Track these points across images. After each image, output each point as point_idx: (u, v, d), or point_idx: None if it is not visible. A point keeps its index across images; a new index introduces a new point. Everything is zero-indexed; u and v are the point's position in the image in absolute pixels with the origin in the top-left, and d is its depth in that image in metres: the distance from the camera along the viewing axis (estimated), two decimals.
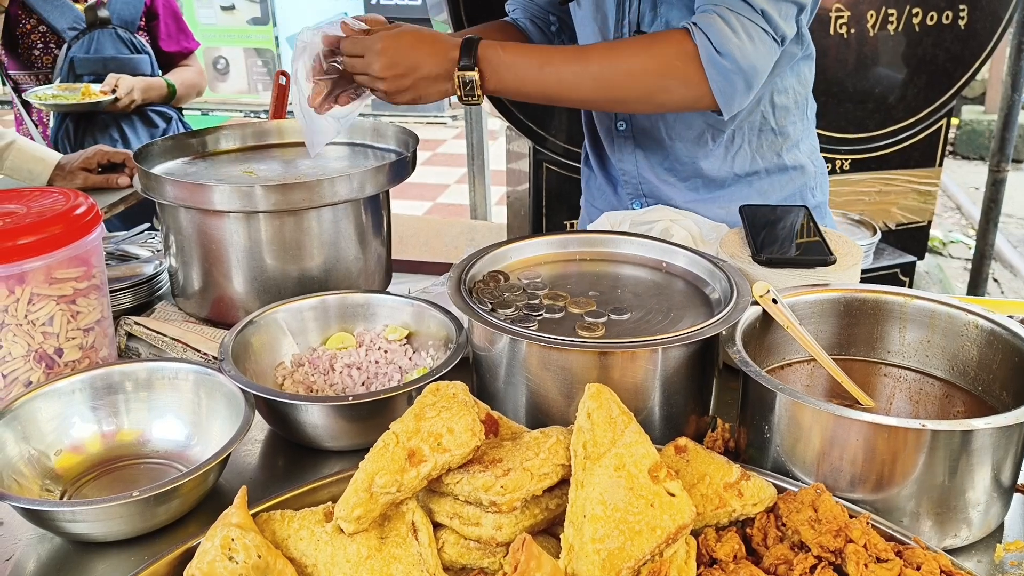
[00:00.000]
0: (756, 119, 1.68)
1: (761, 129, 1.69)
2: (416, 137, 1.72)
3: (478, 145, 4.24)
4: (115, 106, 2.79)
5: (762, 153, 1.71)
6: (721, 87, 1.41)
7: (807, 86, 1.74)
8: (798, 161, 1.75)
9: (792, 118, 1.72)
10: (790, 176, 1.75)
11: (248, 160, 1.74)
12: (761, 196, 1.72)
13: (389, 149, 1.80)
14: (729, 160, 1.70)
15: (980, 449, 0.94)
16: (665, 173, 1.75)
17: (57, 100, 2.73)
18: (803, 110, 1.75)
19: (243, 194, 1.43)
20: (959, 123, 7.44)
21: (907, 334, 1.20)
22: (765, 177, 1.73)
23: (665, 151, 1.73)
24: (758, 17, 1.40)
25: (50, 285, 1.24)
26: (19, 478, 1.09)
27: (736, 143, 1.69)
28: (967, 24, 3.23)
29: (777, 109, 1.69)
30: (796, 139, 1.74)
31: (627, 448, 0.88)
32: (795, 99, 1.71)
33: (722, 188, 1.73)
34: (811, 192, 1.78)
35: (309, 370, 1.32)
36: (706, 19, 1.40)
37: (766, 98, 1.67)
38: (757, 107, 1.67)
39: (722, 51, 1.39)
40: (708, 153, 1.70)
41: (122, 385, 1.21)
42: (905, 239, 3.54)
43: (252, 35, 8.68)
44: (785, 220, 1.49)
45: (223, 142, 1.79)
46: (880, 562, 0.86)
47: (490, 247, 1.33)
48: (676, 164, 1.74)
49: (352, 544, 0.85)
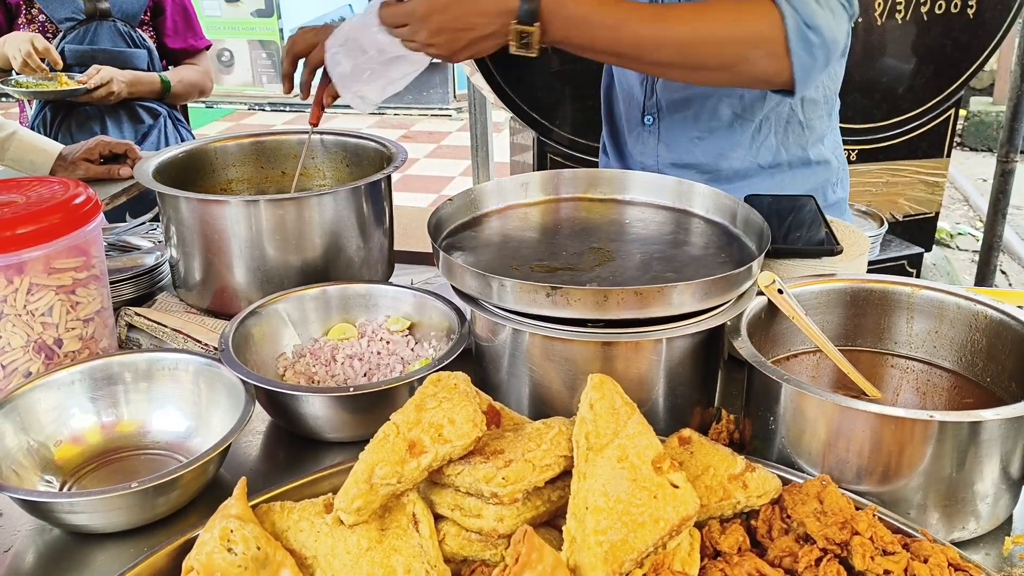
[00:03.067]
0: (784, 110, 1.67)
1: (788, 121, 1.68)
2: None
3: (482, 137, 4.22)
4: (92, 96, 2.73)
5: (787, 146, 1.69)
6: (803, 62, 1.34)
7: (836, 81, 1.72)
8: (823, 156, 1.73)
9: (819, 112, 1.70)
10: (813, 171, 1.73)
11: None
12: (782, 189, 1.70)
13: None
14: (754, 150, 1.68)
15: (988, 441, 0.92)
16: (685, 169, 1.74)
17: (30, 88, 2.68)
18: (831, 105, 1.74)
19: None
20: (967, 114, 7.39)
21: (915, 325, 1.19)
22: (788, 170, 1.72)
23: (689, 148, 1.71)
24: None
25: (49, 275, 1.23)
26: (18, 469, 1.09)
27: (763, 133, 1.68)
28: (976, 13, 3.20)
29: (806, 102, 1.67)
30: (821, 133, 1.73)
31: (630, 439, 0.87)
32: (824, 94, 1.69)
33: (744, 179, 1.71)
34: (832, 188, 1.77)
35: (310, 361, 1.31)
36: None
37: None
38: (785, 99, 1.64)
39: (811, 24, 1.32)
40: (735, 145, 1.68)
41: (122, 376, 1.21)
42: (912, 230, 3.51)
43: (256, 27, 8.67)
44: (792, 210, 1.47)
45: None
46: (887, 555, 0.85)
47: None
48: (701, 157, 1.72)
49: (352, 536, 0.85)
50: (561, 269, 1.18)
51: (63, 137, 2.73)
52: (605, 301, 1.03)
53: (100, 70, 2.72)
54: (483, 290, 1.10)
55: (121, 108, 2.88)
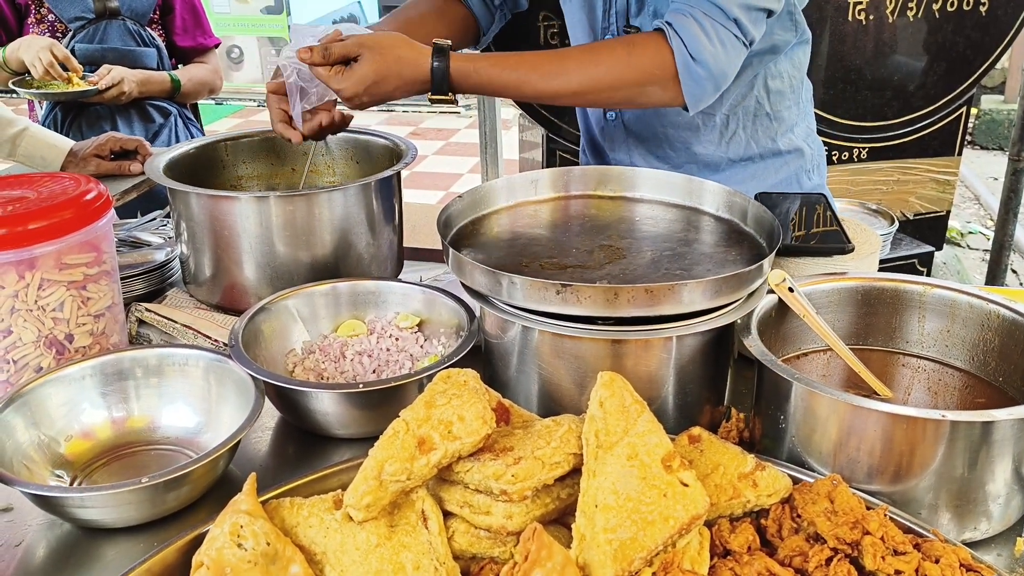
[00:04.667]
0: (751, 104, 1.68)
1: (756, 114, 1.70)
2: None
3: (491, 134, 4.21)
4: (103, 97, 2.74)
5: (757, 139, 1.72)
6: (692, 91, 1.46)
7: (802, 69, 1.74)
8: (793, 145, 1.75)
9: (787, 102, 1.72)
10: (785, 160, 1.75)
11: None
12: (756, 180, 1.72)
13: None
14: (724, 145, 1.71)
15: (1001, 441, 0.92)
16: (658, 161, 1.76)
17: (41, 89, 2.69)
18: (798, 93, 1.75)
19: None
20: (978, 112, 7.35)
21: (926, 324, 1.18)
22: (759, 161, 1.74)
23: (658, 138, 1.74)
24: (731, 24, 1.42)
25: (60, 271, 1.23)
26: (29, 464, 1.09)
27: (731, 128, 1.70)
28: (988, 11, 3.18)
29: (772, 94, 1.69)
30: (791, 123, 1.74)
31: (640, 437, 0.86)
32: (790, 83, 1.71)
33: (716, 172, 1.73)
34: (807, 175, 1.78)
35: (320, 357, 1.31)
36: (682, 22, 1.42)
37: (760, 83, 1.67)
38: (751, 92, 1.67)
39: (697, 58, 1.42)
40: (701, 138, 1.71)
41: (132, 371, 1.21)
42: (923, 229, 3.49)
43: (266, 24, 8.67)
44: (802, 208, 1.47)
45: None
46: (898, 555, 0.84)
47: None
48: (669, 151, 1.74)
49: (362, 532, 0.85)
50: (571, 266, 1.18)
51: (74, 137, 2.72)
52: (615, 299, 1.03)
53: (111, 70, 2.72)
54: (493, 287, 1.10)
55: (132, 107, 2.88)
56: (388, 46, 1.43)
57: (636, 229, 1.31)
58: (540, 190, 1.41)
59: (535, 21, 2.90)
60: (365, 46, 1.41)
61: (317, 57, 1.42)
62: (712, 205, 1.35)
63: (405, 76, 1.43)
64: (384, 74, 1.42)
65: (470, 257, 1.14)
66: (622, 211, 1.37)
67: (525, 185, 1.41)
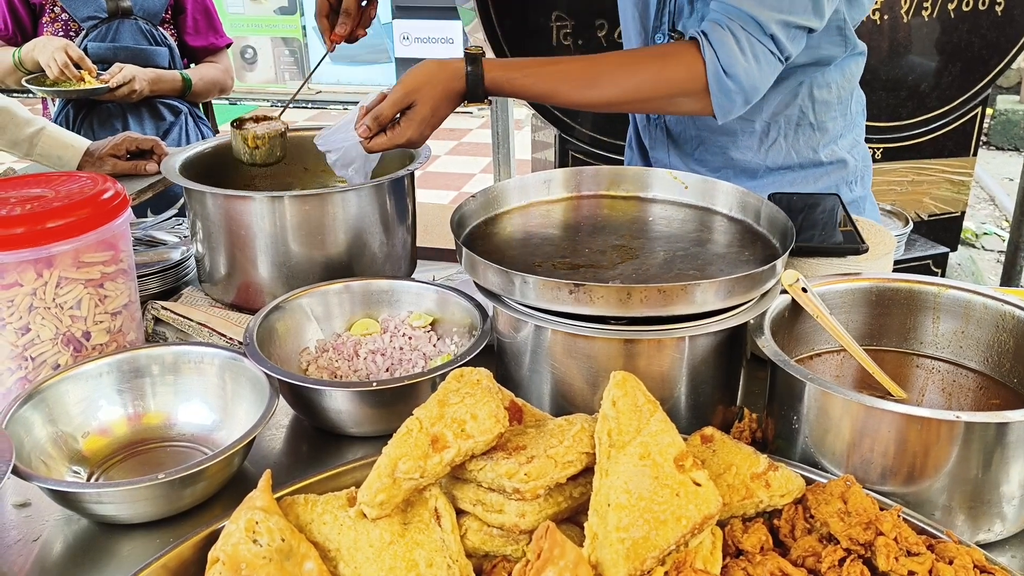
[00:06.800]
0: (794, 113, 1.66)
1: (799, 124, 1.67)
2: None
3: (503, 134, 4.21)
4: (114, 95, 2.76)
5: (798, 148, 1.69)
6: (721, 103, 1.46)
7: (853, 80, 1.71)
8: (836, 156, 1.72)
9: (833, 113, 1.69)
10: (826, 170, 1.72)
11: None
12: (794, 188, 1.70)
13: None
14: (763, 152, 1.69)
15: (1016, 442, 0.91)
16: (695, 163, 1.75)
17: (53, 86, 2.71)
18: (846, 104, 1.72)
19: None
20: (993, 112, 7.29)
21: (940, 325, 1.18)
22: (799, 171, 1.71)
23: (696, 141, 1.73)
24: (767, 40, 1.42)
25: (78, 269, 1.24)
26: (47, 460, 1.10)
27: (771, 136, 1.68)
28: (1004, 10, 3.16)
29: (817, 104, 1.66)
30: (835, 134, 1.71)
31: (653, 437, 0.87)
32: (838, 94, 1.68)
33: (754, 179, 1.71)
34: (848, 186, 1.75)
35: (333, 356, 1.32)
36: (718, 34, 1.41)
37: (804, 92, 1.64)
38: (794, 101, 1.64)
39: (729, 72, 1.42)
40: (739, 144, 1.69)
41: (149, 369, 1.22)
42: (937, 230, 3.47)
43: (279, 24, 8.71)
44: (816, 208, 1.47)
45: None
46: (911, 555, 0.84)
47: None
48: (706, 155, 1.73)
49: (375, 529, 0.85)
50: (584, 266, 1.18)
51: (85, 134, 2.75)
52: (628, 298, 1.03)
53: (122, 68, 2.74)
54: (506, 286, 1.10)
55: (143, 105, 2.91)
56: (428, 80, 1.47)
57: (649, 229, 1.31)
58: (553, 190, 1.42)
59: (548, 22, 2.91)
60: (411, 90, 1.46)
61: (376, 132, 1.49)
62: (725, 205, 1.35)
63: (451, 97, 1.48)
64: (435, 105, 1.47)
65: (483, 257, 1.15)
66: (635, 211, 1.37)
67: (538, 185, 1.41)
